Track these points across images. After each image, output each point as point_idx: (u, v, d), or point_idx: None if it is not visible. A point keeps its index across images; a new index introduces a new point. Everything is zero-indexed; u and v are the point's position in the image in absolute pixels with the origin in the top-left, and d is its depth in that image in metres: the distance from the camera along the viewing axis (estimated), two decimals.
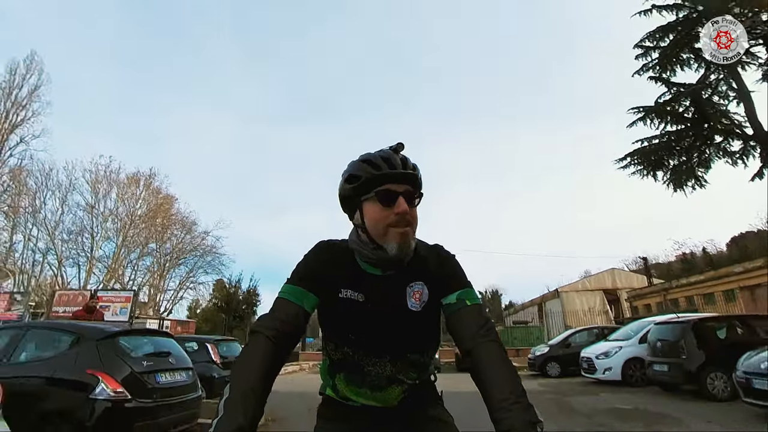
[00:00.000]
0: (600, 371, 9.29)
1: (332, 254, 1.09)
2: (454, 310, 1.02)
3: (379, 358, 1.07)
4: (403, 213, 1.00)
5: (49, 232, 27.79)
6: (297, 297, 1.00)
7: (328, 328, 1.11)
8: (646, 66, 15.45)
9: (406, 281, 1.07)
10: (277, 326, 0.94)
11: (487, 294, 71.81)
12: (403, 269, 1.07)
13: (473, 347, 0.94)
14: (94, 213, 29.27)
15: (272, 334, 0.93)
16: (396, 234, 1.01)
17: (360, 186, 1.03)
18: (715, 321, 7.81)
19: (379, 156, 1.04)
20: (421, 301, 1.07)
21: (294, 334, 0.98)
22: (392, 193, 1.01)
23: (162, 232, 31.11)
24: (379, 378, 1.07)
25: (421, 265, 1.09)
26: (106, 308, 16.05)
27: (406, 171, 1.03)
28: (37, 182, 27.88)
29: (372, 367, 1.07)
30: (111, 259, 29.55)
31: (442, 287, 1.06)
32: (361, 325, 1.05)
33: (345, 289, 1.06)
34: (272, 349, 0.92)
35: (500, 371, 0.89)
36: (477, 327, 0.97)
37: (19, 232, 27.95)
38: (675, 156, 16.67)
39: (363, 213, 1.05)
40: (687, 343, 7.07)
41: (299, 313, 0.99)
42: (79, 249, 28.58)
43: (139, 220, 30.46)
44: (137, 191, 31.28)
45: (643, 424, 5.48)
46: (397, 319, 1.05)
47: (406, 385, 1.09)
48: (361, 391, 1.09)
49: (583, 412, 6.45)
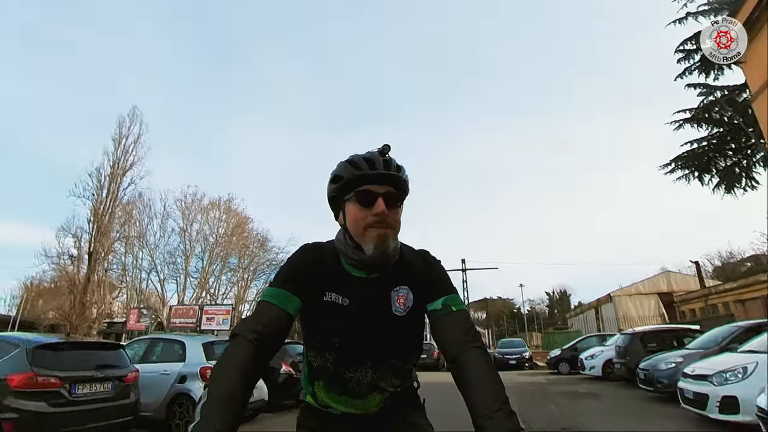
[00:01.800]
0: (587, 369, 12.55)
1: (317, 256, 1.11)
2: (440, 316, 1.05)
3: (360, 365, 1.09)
4: (381, 214, 1.03)
5: (150, 254, 35.10)
6: (280, 300, 1.01)
7: (311, 332, 1.12)
8: (689, 69, 16.96)
9: (391, 285, 1.10)
10: (259, 329, 0.95)
11: (555, 294, 72.33)
12: (388, 273, 1.10)
13: (458, 354, 0.97)
14: (185, 236, 36.29)
15: (254, 338, 0.93)
16: (373, 235, 1.04)
17: (343, 186, 1.07)
18: (651, 333, 10.82)
19: (362, 157, 1.08)
20: (406, 306, 1.10)
21: (277, 338, 0.98)
22: (371, 194, 1.04)
23: (242, 249, 37.33)
24: (360, 385, 1.09)
25: (407, 270, 1.12)
26: (211, 319, 21.60)
27: (388, 172, 1.06)
28: (139, 212, 35.27)
29: (352, 373, 1.09)
30: (200, 274, 36.36)
31: (427, 293, 1.09)
32: (344, 329, 1.07)
33: (329, 292, 1.08)
34: (253, 353, 0.91)
35: (484, 378, 0.92)
36: (462, 333, 1.00)
37: (129, 255, 35.62)
38: (725, 158, 17.89)
39: (345, 213, 1.10)
40: (632, 348, 10.25)
41: (282, 317, 0.99)
42: (175, 267, 35.63)
43: (221, 239, 36.97)
44: (218, 214, 37.95)
45: (572, 398, 8.90)
46: (381, 323, 1.08)
47: (387, 392, 1.12)
48: (341, 399, 1.11)
49: (550, 392, 9.90)
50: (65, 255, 31.06)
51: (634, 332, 10.76)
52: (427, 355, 21.09)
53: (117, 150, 33.61)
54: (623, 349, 10.66)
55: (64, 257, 31.21)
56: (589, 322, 34.17)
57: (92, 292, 29.31)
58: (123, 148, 33.80)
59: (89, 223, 30.80)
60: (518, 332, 54.11)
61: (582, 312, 40.39)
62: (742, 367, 5.34)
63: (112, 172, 32.07)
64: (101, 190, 31.46)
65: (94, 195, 31.07)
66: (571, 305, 59.25)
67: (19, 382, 4.05)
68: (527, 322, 56.49)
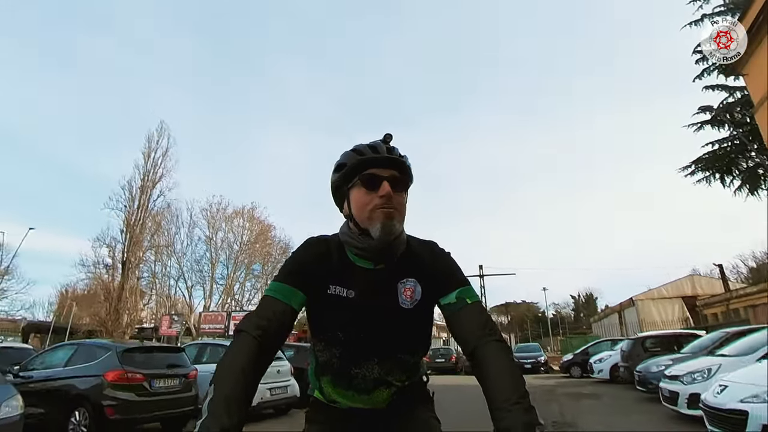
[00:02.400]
0: (596, 372, 13.36)
1: (321, 249, 1.12)
2: (455, 309, 1.04)
3: (366, 360, 1.09)
4: (387, 196, 1.05)
5: (178, 262, 37.13)
6: (284, 295, 1.02)
7: (317, 326, 1.13)
8: (707, 70, 17.29)
9: (398, 276, 1.10)
10: (263, 325, 0.95)
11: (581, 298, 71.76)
12: (395, 264, 1.11)
13: (476, 347, 0.97)
14: (211, 244, 38.22)
15: (258, 334, 0.94)
16: (380, 215, 1.05)
17: (346, 173, 1.10)
18: (652, 338, 11.57)
19: (365, 145, 1.11)
20: (413, 299, 1.09)
21: (281, 333, 0.99)
22: (376, 177, 1.07)
23: (266, 256, 38.99)
24: (366, 380, 1.10)
25: (414, 261, 1.12)
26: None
27: (391, 156, 1.09)
28: (167, 222, 37.37)
29: (359, 369, 1.09)
30: (225, 281, 38.21)
31: (438, 286, 1.09)
32: (350, 322, 1.08)
33: (333, 285, 1.08)
34: (257, 349, 0.92)
35: (503, 371, 0.91)
36: (480, 326, 1.00)
37: (159, 263, 37.77)
38: (748, 158, 18.05)
39: (350, 201, 1.11)
40: (634, 352, 11.06)
41: (286, 311, 1.00)
42: (201, 275, 37.55)
43: (245, 247, 38.73)
44: (242, 222, 39.76)
45: (574, 399, 9.79)
46: (387, 316, 1.07)
47: (394, 387, 1.13)
48: (347, 394, 1.12)
49: (557, 393, 10.79)
50: (100, 264, 33.43)
51: (637, 337, 11.56)
52: (445, 359, 22.07)
53: (147, 163, 35.76)
54: (626, 354, 11.47)
55: (100, 266, 33.58)
56: (612, 327, 34.25)
57: (125, 299, 31.46)
58: (152, 161, 35.94)
59: (122, 233, 33.04)
60: (542, 337, 54.20)
61: (606, 316, 40.39)
62: (707, 369, 6.25)
63: (143, 185, 34.17)
64: (133, 202, 33.59)
65: (126, 207, 33.28)
66: (598, 309, 58.63)
67: (114, 377, 5.38)
68: (551, 327, 56.27)
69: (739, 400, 4.23)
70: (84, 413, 5.27)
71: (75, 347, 6.22)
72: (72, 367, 5.78)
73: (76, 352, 6.01)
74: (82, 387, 5.43)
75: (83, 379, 5.48)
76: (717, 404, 4.50)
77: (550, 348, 39.53)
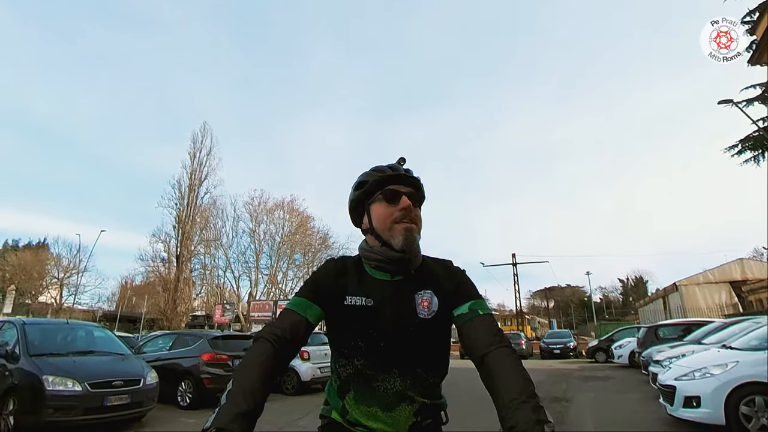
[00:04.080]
0: (617, 358, 14.66)
1: (339, 266, 1.23)
2: (467, 319, 1.11)
3: (387, 372, 1.14)
4: (407, 208, 1.17)
5: (225, 253, 40.55)
6: (301, 308, 1.13)
7: (337, 338, 1.20)
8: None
9: (415, 288, 1.18)
10: (277, 333, 1.06)
11: (630, 282, 70.59)
12: (412, 276, 1.20)
13: (486, 353, 1.02)
14: (254, 236, 41.35)
15: (273, 339, 1.05)
16: (401, 228, 1.16)
17: (368, 190, 1.22)
18: (665, 326, 12.70)
19: (385, 165, 1.25)
20: (431, 309, 1.16)
21: (294, 343, 1.08)
22: (397, 192, 1.19)
23: (306, 247, 41.70)
24: (388, 393, 1.13)
25: (430, 275, 1.21)
26: None
27: (409, 175, 1.23)
28: (214, 217, 40.74)
29: (381, 381, 1.14)
30: (269, 270, 41.34)
31: (452, 299, 1.16)
32: (369, 329, 1.14)
33: (350, 297, 1.17)
34: (272, 352, 1.03)
35: (511, 374, 0.95)
36: (490, 335, 1.06)
37: (208, 255, 41.39)
38: None
39: (370, 215, 1.22)
40: (648, 340, 12.30)
41: (301, 323, 1.11)
42: (247, 265, 40.84)
43: (286, 238, 41.60)
44: (282, 214, 42.59)
45: (584, 380, 11.25)
46: (406, 324, 1.14)
47: (416, 404, 1.15)
48: (371, 411, 1.15)
49: (573, 376, 12.32)
50: (157, 258, 37.31)
51: (651, 325, 12.77)
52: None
53: (193, 162, 39.20)
54: (641, 341, 12.72)
55: (157, 260, 37.48)
56: (657, 313, 34.19)
57: (181, 290, 35.10)
58: (198, 161, 39.36)
59: (174, 229, 36.72)
60: (587, 322, 54.06)
61: (651, 302, 40.10)
62: (682, 354, 7.61)
63: (190, 183, 37.60)
64: (182, 200, 37.20)
65: (177, 204, 36.93)
66: (648, 292, 57.58)
67: (208, 357, 7.55)
68: (596, 312, 56.05)
69: (674, 378, 5.69)
70: (188, 383, 7.49)
71: (175, 336, 8.56)
72: (176, 351, 8.06)
73: (176, 340, 8.29)
74: (185, 365, 7.66)
75: (186, 359, 7.71)
76: (661, 381, 5.97)
77: (596, 334, 39.99)
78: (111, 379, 5.50)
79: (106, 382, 5.43)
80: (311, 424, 5.67)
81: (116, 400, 5.42)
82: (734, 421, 4.93)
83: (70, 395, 5.06)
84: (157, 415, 6.62)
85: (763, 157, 20.79)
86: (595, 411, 7.06)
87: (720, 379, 5.15)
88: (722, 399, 5.02)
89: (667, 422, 5.79)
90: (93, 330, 6.84)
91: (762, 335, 5.93)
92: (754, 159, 21.03)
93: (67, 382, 5.11)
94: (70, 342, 6.25)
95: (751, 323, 8.29)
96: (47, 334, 6.09)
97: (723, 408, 4.99)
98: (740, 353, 5.54)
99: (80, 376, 5.24)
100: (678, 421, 5.47)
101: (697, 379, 5.35)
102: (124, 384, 5.57)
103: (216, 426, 0.83)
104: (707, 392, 5.16)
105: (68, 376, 5.17)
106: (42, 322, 7.11)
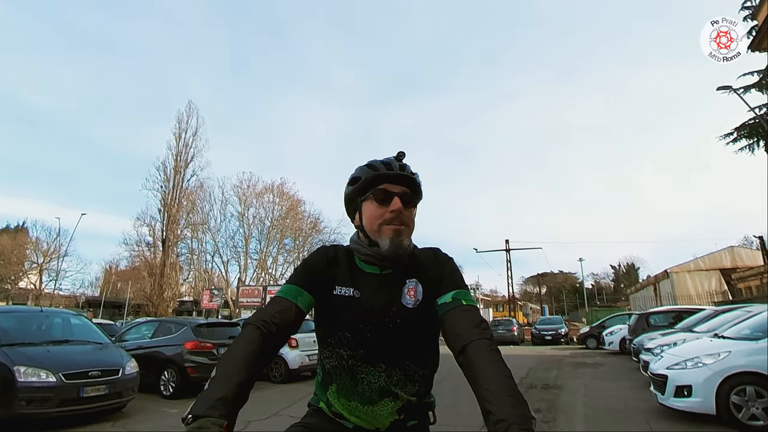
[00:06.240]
0: (607, 345, 14.84)
1: (330, 254, 1.25)
2: (449, 309, 1.10)
3: (373, 365, 1.14)
4: (397, 211, 1.15)
5: (213, 238, 40.20)
6: (291, 295, 1.13)
7: (324, 328, 1.22)
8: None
9: (403, 280, 1.19)
10: (266, 319, 1.06)
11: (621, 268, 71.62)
12: (400, 268, 1.21)
13: (467, 344, 1.00)
14: (243, 219, 41.00)
15: (261, 325, 1.04)
16: (389, 230, 1.15)
17: (360, 187, 1.20)
18: (656, 313, 12.85)
19: (380, 161, 1.21)
20: (416, 298, 1.17)
21: (284, 329, 1.08)
22: (388, 193, 1.17)
23: (297, 231, 41.48)
24: (372, 388, 1.14)
25: (417, 265, 1.21)
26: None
27: (404, 173, 1.19)
28: (201, 200, 40.25)
29: (365, 374, 1.14)
30: (259, 255, 41.13)
31: (437, 287, 1.16)
32: (356, 320, 1.15)
33: (340, 287, 1.19)
34: (260, 339, 1.02)
35: (493, 367, 0.95)
36: (471, 326, 1.04)
37: (195, 239, 41.02)
38: None
39: (362, 213, 1.22)
40: (638, 327, 12.44)
41: (292, 309, 1.11)
42: (236, 250, 40.57)
43: (276, 222, 41.31)
44: (272, 198, 42.21)
45: (575, 367, 11.37)
46: (392, 314, 1.15)
47: (401, 401, 1.15)
48: (351, 405, 1.15)
49: (564, 362, 12.44)
50: (142, 242, 36.84)
51: (642, 313, 12.90)
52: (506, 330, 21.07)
53: (178, 143, 38.46)
54: (632, 328, 12.86)
55: (142, 245, 37.01)
56: (647, 299, 34.68)
57: (167, 275, 34.79)
58: (183, 142, 38.60)
59: (160, 212, 36.21)
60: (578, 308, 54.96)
61: (642, 288, 40.67)
62: (673, 343, 7.66)
63: (176, 165, 36.95)
64: (168, 183, 36.58)
65: (162, 187, 36.32)
66: (640, 279, 58.45)
67: (191, 346, 7.44)
68: (588, 298, 56.85)
69: (666, 367, 5.71)
70: (171, 372, 7.38)
71: (157, 323, 8.41)
72: (158, 339, 7.93)
73: (158, 327, 8.15)
74: (168, 353, 7.55)
75: (168, 347, 7.59)
76: (652, 370, 5.99)
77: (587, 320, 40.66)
78: (87, 370, 5.37)
79: (83, 373, 5.30)
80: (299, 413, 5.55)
81: (93, 391, 5.31)
82: (724, 411, 4.96)
83: (43, 386, 4.94)
84: (139, 405, 6.53)
85: (758, 146, 20.97)
86: (586, 398, 7.10)
87: (712, 368, 5.17)
88: (714, 389, 5.05)
89: (657, 411, 5.82)
90: (69, 318, 6.67)
91: (754, 324, 5.96)
92: (749, 147, 21.27)
93: (40, 373, 4.98)
94: (45, 331, 6.09)
95: (742, 312, 8.41)
96: (20, 323, 5.91)
97: (714, 397, 5.02)
98: (732, 343, 5.57)
99: (54, 366, 5.11)
100: (668, 410, 5.50)
101: (689, 368, 5.37)
102: (101, 374, 5.45)
103: (194, 413, 0.81)
104: (699, 382, 5.18)
105: (41, 366, 5.03)
106: (14, 310, 6.95)
